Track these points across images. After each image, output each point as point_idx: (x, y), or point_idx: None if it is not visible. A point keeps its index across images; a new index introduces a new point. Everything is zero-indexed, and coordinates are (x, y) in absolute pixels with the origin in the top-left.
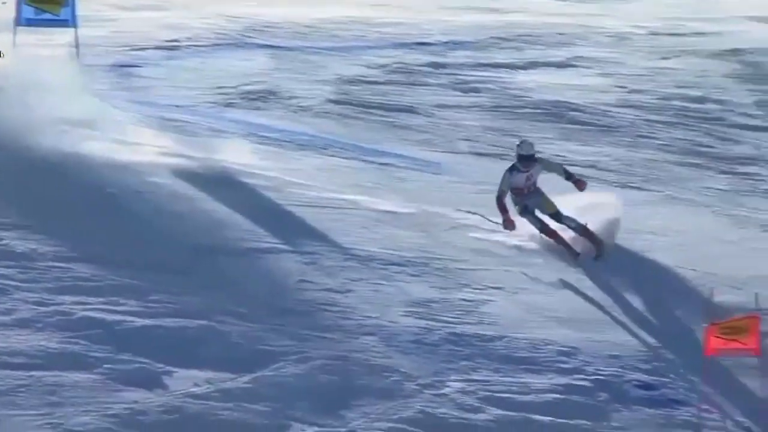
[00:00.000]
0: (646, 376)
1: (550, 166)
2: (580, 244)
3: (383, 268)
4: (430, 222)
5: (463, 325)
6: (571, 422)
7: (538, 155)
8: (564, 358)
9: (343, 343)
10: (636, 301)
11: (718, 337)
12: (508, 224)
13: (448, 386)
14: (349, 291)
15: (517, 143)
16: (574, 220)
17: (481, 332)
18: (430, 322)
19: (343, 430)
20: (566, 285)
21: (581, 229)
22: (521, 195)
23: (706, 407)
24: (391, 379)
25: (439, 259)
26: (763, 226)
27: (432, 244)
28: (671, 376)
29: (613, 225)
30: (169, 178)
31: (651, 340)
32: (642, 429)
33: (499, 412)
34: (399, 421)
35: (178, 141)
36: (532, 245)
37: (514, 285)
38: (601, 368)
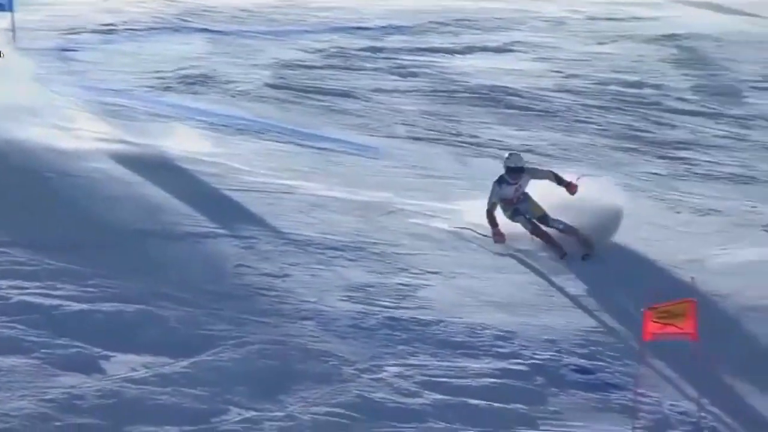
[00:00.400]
0: (583, 361)
1: (539, 174)
2: (568, 244)
3: (320, 252)
4: (367, 207)
5: (401, 309)
6: (508, 407)
7: (526, 165)
8: (501, 343)
9: (280, 328)
10: (572, 286)
11: (654, 321)
12: (498, 238)
13: (385, 371)
14: (286, 276)
15: (506, 156)
16: (562, 222)
17: (418, 317)
18: (367, 307)
19: (281, 414)
20: (503, 269)
21: (570, 230)
22: (510, 204)
23: (642, 391)
24: (329, 363)
25: (376, 243)
26: (699, 210)
27: (369, 228)
28: (608, 360)
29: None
30: (107, 163)
31: (587, 324)
32: (578, 413)
33: (437, 396)
34: (336, 406)
35: (116, 125)
36: (469, 230)
37: (452, 269)
38: (538, 352)
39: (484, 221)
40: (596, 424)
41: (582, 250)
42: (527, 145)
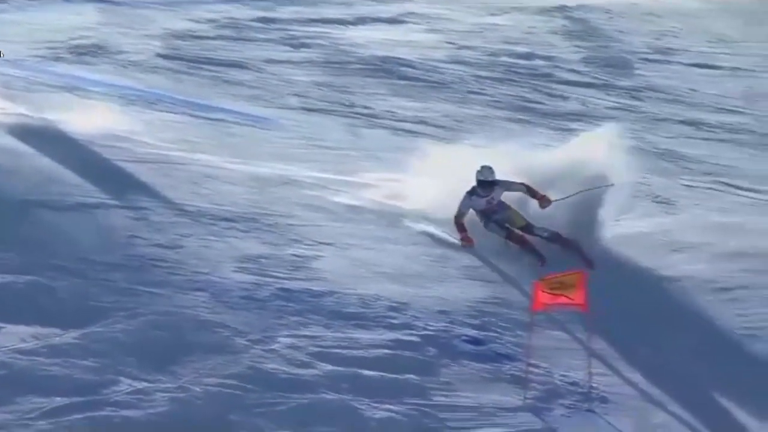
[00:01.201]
0: (474, 332)
1: (512, 187)
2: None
3: (213, 223)
4: (260, 178)
5: (294, 280)
6: (400, 377)
7: (498, 179)
8: (393, 314)
9: (173, 299)
10: (465, 257)
11: (545, 292)
12: (466, 243)
13: (278, 342)
14: (179, 247)
15: (477, 169)
16: (546, 230)
17: (311, 288)
18: (260, 278)
19: (173, 385)
20: (396, 241)
21: (555, 237)
22: (486, 214)
23: (533, 362)
24: (221, 334)
25: (269, 215)
26: None
27: (262, 200)
28: (499, 331)
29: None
30: None
31: (479, 295)
32: (469, 383)
33: (329, 367)
34: (229, 377)
35: (5, 96)
36: (361, 202)
37: (345, 241)
38: (430, 323)
39: (399, 200)
40: (487, 394)
41: (584, 264)
42: (420, 116)
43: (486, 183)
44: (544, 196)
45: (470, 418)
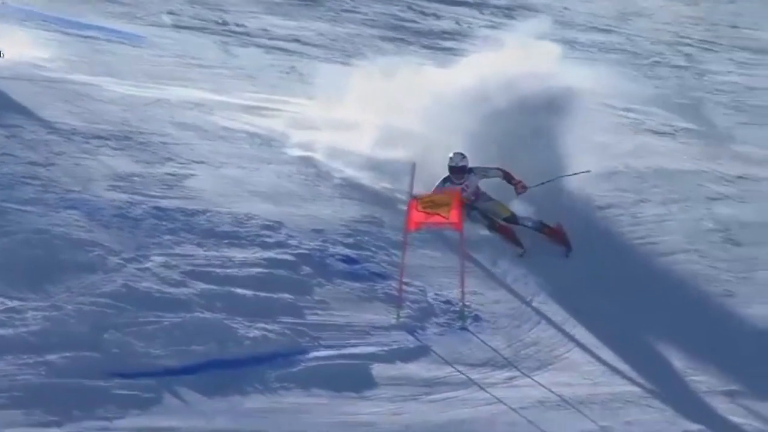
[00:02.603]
0: (349, 251)
1: (488, 173)
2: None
3: (86, 142)
4: (132, 96)
5: (167, 199)
6: (274, 296)
7: (472, 165)
8: (267, 233)
9: (45, 217)
10: (338, 175)
11: (419, 211)
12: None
13: (151, 260)
14: (51, 164)
15: (450, 155)
16: (530, 219)
17: (184, 207)
18: (133, 197)
19: (45, 304)
20: (270, 160)
21: (540, 227)
22: (466, 203)
23: (407, 281)
24: (94, 253)
25: (142, 133)
26: None
27: (135, 118)
28: (373, 249)
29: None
30: None
31: (353, 214)
32: (344, 302)
33: (203, 286)
34: (101, 295)
35: None
36: (234, 122)
37: (218, 159)
38: (305, 242)
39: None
40: (361, 313)
41: (561, 249)
42: (294, 35)
43: (457, 169)
44: (520, 182)
45: (344, 336)
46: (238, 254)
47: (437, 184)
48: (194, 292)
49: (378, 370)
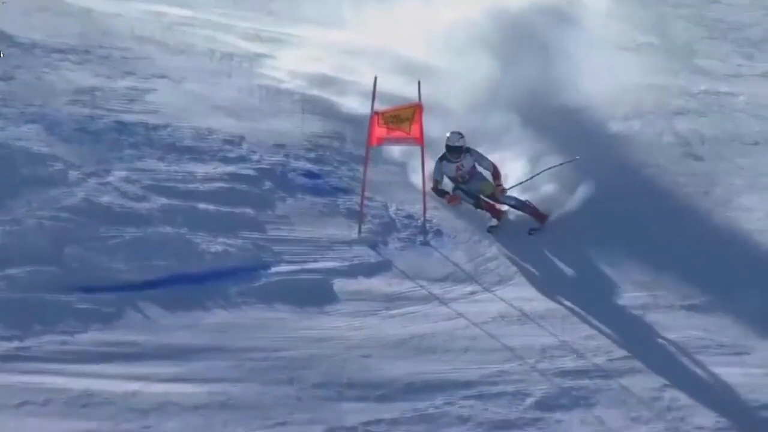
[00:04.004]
0: (311, 165)
1: (482, 161)
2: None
3: (46, 55)
4: (92, 10)
5: (128, 113)
6: (236, 210)
7: (470, 147)
8: (229, 147)
9: (5, 132)
10: (299, 90)
11: (382, 126)
12: (453, 202)
13: (112, 175)
14: (11, 78)
15: (447, 134)
16: (514, 198)
17: (146, 121)
18: (94, 111)
19: (6, 218)
20: (231, 74)
21: (522, 205)
22: (456, 182)
23: (369, 195)
24: (55, 167)
25: (102, 47)
26: None
27: (95, 31)
28: (335, 164)
29: None
30: None
31: (315, 129)
32: (306, 217)
33: (164, 200)
34: (62, 210)
35: None
36: (195, 37)
37: (180, 74)
38: (266, 157)
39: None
40: (323, 228)
41: (533, 223)
42: None
43: (454, 148)
44: (500, 185)
45: (306, 251)
46: (199, 169)
47: (435, 164)
48: (156, 207)
49: (339, 284)
